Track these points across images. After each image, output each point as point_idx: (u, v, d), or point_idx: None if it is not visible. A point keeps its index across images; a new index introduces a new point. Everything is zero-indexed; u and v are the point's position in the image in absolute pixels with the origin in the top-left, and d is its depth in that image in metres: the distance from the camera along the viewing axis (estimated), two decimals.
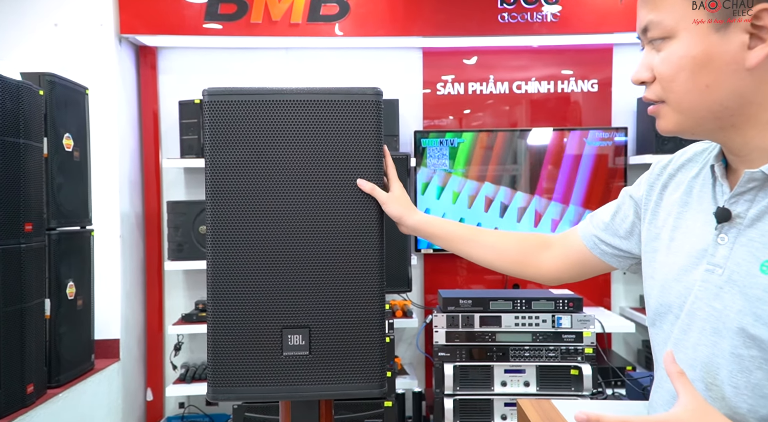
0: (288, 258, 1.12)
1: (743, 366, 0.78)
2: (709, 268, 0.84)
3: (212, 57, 3.28)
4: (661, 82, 0.82)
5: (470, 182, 3.08)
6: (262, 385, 1.11)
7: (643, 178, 1.07)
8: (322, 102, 1.12)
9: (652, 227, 0.98)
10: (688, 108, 0.81)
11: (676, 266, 0.90)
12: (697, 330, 0.84)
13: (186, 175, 3.29)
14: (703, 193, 0.90)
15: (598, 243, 1.11)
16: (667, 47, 0.81)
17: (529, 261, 1.19)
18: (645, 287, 0.99)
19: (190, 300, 3.24)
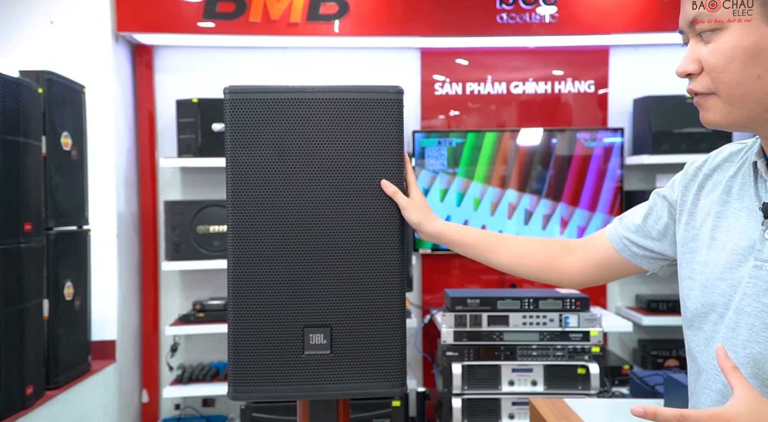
0: (309, 257, 1.11)
1: None
2: (758, 264, 0.84)
3: (210, 56, 3.26)
4: (711, 73, 0.83)
5: (467, 182, 3.09)
6: (282, 384, 1.10)
7: (677, 179, 1.07)
8: (343, 100, 1.12)
9: (689, 228, 0.98)
10: (739, 98, 0.82)
11: (720, 264, 0.89)
12: (747, 326, 0.84)
13: (183, 174, 3.27)
14: (744, 191, 0.91)
15: (629, 245, 1.09)
16: (717, 38, 0.82)
17: (553, 266, 1.18)
18: (682, 289, 0.98)
19: (186, 301, 3.22)
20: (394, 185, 1.11)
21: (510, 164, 3.10)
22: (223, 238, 2.99)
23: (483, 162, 3.09)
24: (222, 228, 3.00)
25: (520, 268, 1.20)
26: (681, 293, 0.98)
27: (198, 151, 3.01)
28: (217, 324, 2.98)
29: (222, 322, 2.97)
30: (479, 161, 3.09)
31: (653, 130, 2.99)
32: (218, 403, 3.24)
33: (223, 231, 3.00)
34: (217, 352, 3.25)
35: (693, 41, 0.86)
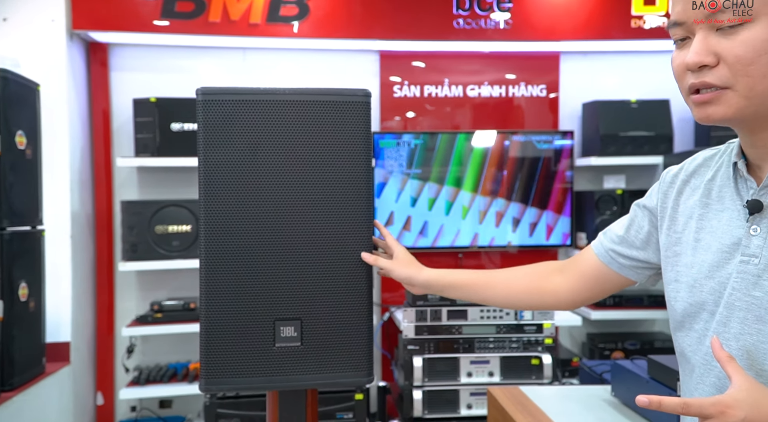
0: (280, 254, 1.15)
1: None
2: (744, 259, 0.86)
3: (168, 55, 3.24)
4: (736, 66, 0.81)
5: (426, 183, 3.17)
6: (254, 376, 1.14)
7: (654, 188, 1.09)
8: (313, 102, 1.17)
9: (672, 232, 1.00)
10: (759, 93, 0.81)
11: (706, 264, 0.91)
12: (738, 320, 0.86)
13: (140, 174, 3.24)
14: (724, 193, 0.93)
15: (615, 257, 1.10)
16: (744, 31, 0.80)
17: (545, 289, 1.19)
18: (668, 292, 0.99)
19: (144, 302, 3.19)
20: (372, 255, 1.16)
21: (465, 165, 3.19)
22: (182, 238, 2.98)
23: (439, 163, 3.18)
24: (182, 228, 2.99)
25: (514, 299, 1.21)
26: (667, 296, 1.00)
27: (156, 150, 3.00)
28: (176, 324, 2.97)
29: (180, 322, 2.97)
30: (435, 162, 3.17)
31: (601, 133, 3.13)
32: (176, 404, 3.22)
33: (182, 231, 2.99)
34: (175, 353, 3.23)
35: (703, 34, 0.83)
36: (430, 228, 3.18)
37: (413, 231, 3.18)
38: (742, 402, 0.73)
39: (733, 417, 0.72)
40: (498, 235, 3.20)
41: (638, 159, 3.15)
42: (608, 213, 3.11)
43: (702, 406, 0.73)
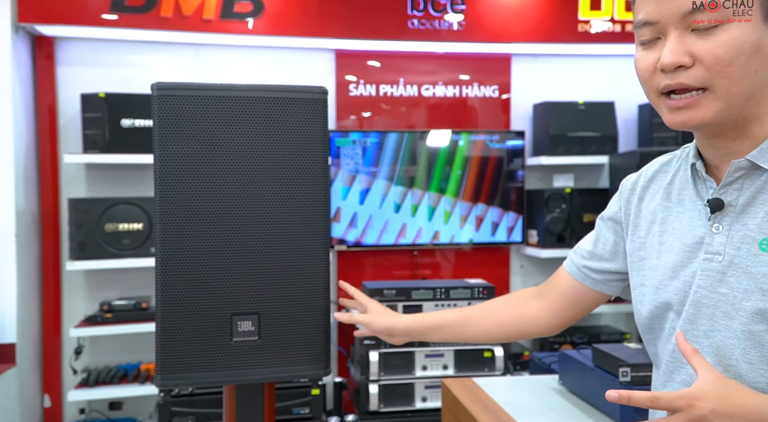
0: (237, 249, 1.16)
1: (756, 342, 0.82)
2: (708, 257, 0.87)
3: (118, 50, 3.17)
4: (714, 67, 0.80)
5: (377, 181, 3.20)
6: (211, 370, 1.15)
7: (614, 199, 1.10)
8: (270, 99, 1.18)
9: (635, 238, 1.01)
10: (735, 93, 0.81)
11: (670, 265, 0.92)
12: (707, 317, 0.87)
13: (88, 171, 3.16)
14: (683, 194, 0.94)
15: (588, 272, 1.11)
16: (721, 32, 0.80)
17: (525, 317, 1.19)
18: (634, 297, 1.00)
19: (92, 302, 3.11)
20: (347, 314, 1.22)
21: (418, 164, 3.24)
22: (134, 237, 2.93)
23: (393, 162, 3.21)
24: (133, 226, 2.94)
25: (498, 331, 1.21)
26: (634, 301, 1.01)
27: (105, 147, 2.93)
28: (126, 324, 2.92)
29: (131, 323, 2.92)
30: (389, 161, 3.21)
31: (550, 134, 3.23)
32: (126, 406, 3.16)
33: (134, 229, 2.94)
34: (125, 354, 3.17)
35: (678, 34, 0.82)
36: (380, 226, 3.21)
37: (361, 228, 3.20)
38: (709, 394, 0.74)
39: (701, 410, 0.73)
40: (450, 233, 3.26)
41: (586, 158, 3.26)
42: (558, 211, 3.21)
43: (670, 399, 0.74)
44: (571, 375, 1.45)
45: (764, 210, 0.84)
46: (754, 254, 0.83)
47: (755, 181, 0.85)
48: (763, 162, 0.84)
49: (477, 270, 3.37)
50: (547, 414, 1.34)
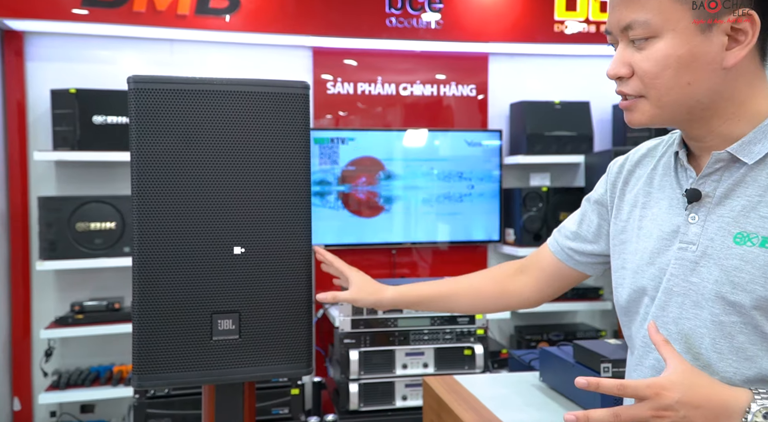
0: (217, 247, 1.14)
1: (725, 333, 0.83)
2: (683, 246, 0.89)
3: (90, 45, 3.10)
4: (644, 79, 0.85)
5: (360, 180, 3.19)
6: (190, 370, 1.12)
7: (601, 181, 1.12)
8: (251, 93, 1.16)
9: (618, 221, 1.03)
10: (668, 103, 0.85)
11: (648, 251, 0.94)
12: (677, 305, 0.89)
13: (58, 168, 3.09)
14: (665, 181, 0.96)
15: (571, 254, 1.14)
16: (651, 46, 0.84)
17: (510, 291, 1.21)
18: (615, 279, 1.02)
19: (63, 303, 3.04)
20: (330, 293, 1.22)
21: (396, 163, 3.23)
22: (106, 236, 2.87)
23: (371, 160, 3.20)
24: (105, 225, 2.88)
25: (481, 304, 1.23)
26: (614, 283, 1.02)
27: (76, 144, 2.87)
28: (98, 325, 2.86)
29: (103, 324, 2.86)
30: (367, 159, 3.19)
31: (527, 133, 3.25)
32: (98, 408, 3.10)
33: (106, 228, 2.88)
34: (97, 356, 3.10)
35: (623, 45, 0.87)
36: (359, 226, 3.20)
37: (340, 229, 3.18)
38: (677, 384, 0.75)
39: (668, 399, 0.74)
40: (428, 231, 3.26)
41: (562, 157, 3.29)
42: (534, 210, 3.23)
43: (637, 388, 0.75)
44: (552, 372, 1.46)
45: (741, 203, 0.85)
46: (728, 246, 0.84)
47: (734, 173, 0.86)
48: (742, 155, 0.85)
49: (455, 269, 3.37)
50: (528, 410, 1.34)
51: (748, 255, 0.82)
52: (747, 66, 0.85)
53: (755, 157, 0.84)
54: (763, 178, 0.84)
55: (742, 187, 0.85)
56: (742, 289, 0.82)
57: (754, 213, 0.83)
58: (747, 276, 0.82)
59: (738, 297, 0.82)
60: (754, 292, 0.81)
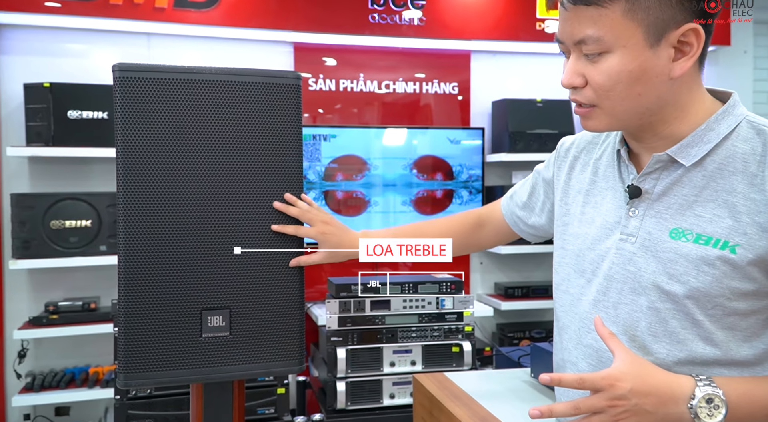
0: (207, 241, 1.10)
1: (660, 318, 0.90)
2: (623, 237, 0.95)
3: (65, 38, 3.02)
4: (598, 91, 0.90)
5: (342, 177, 3.16)
6: (178, 368, 1.09)
7: (550, 160, 1.20)
8: (241, 83, 1.12)
9: (563, 203, 1.10)
10: (622, 111, 0.90)
11: (590, 236, 1.01)
12: (616, 291, 0.95)
13: (31, 165, 3.00)
14: (608, 173, 1.02)
15: (517, 221, 1.28)
16: (604, 60, 0.88)
17: (472, 243, 1.36)
18: (555, 257, 1.10)
19: (37, 303, 2.96)
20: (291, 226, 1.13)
21: (378, 160, 3.21)
22: (81, 234, 2.80)
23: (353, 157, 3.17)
24: (80, 223, 2.80)
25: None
26: (554, 260, 1.10)
27: (51, 139, 2.79)
28: (73, 326, 2.79)
29: (79, 324, 2.79)
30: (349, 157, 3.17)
31: (510, 131, 3.25)
32: (74, 411, 3.02)
33: (81, 226, 2.80)
34: (72, 357, 3.03)
35: (575, 56, 0.91)
36: None
37: None
38: (627, 374, 0.82)
39: (621, 389, 0.81)
40: None
41: (544, 155, 3.25)
42: None
43: (594, 380, 0.82)
44: (545, 368, 1.45)
45: (677, 202, 0.92)
46: (664, 240, 0.91)
47: (671, 173, 0.93)
48: (681, 158, 0.91)
49: (436, 267, 3.37)
50: (521, 406, 1.33)
51: (682, 250, 0.89)
52: (688, 73, 0.91)
53: (692, 160, 0.91)
54: (698, 179, 0.91)
55: (679, 186, 0.92)
56: (677, 280, 0.88)
57: (689, 212, 0.90)
58: (681, 269, 0.88)
59: (672, 287, 0.89)
60: (687, 283, 0.88)
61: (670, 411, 0.83)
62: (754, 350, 0.89)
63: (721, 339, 0.88)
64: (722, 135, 0.91)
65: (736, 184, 0.88)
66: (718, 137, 0.90)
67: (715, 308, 0.87)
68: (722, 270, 0.86)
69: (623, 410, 0.81)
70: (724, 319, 0.88)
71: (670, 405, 0.83)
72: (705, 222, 0.89)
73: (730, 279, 0.86)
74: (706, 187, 0.90)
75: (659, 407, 0.82)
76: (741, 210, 0.87)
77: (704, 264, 0.87)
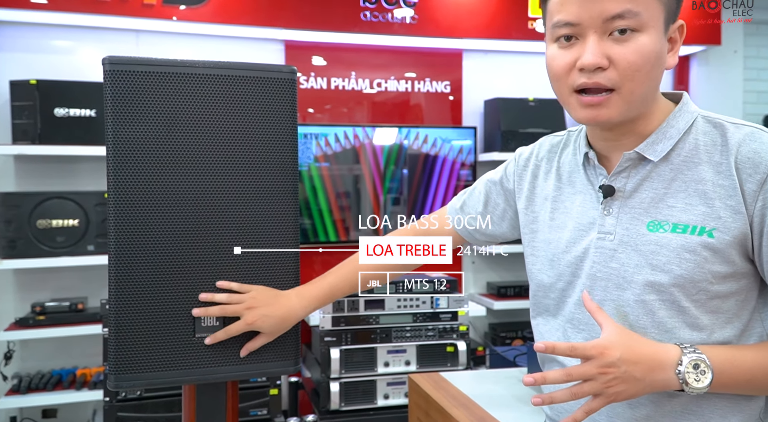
0: (201, 238, 1.08)
1: (647, 310, 0.92)
2: (601, 236, 0.97)
3: (51, 35, 2.98)
4: (625, 71, 0.88)
5: (335, 175, 3.13)
6: (171, 369, 1.06)
7: (508, 168, 1.17)
8: (235, 77, 1.10)
9: (529, 212, 1.10)
10: (638, 96, 0.90)
11: (563, 240, 1.02)
12: (601, 288, 0.96)
13: (17, 163, 2.95)
14: (574, 178, 1.03)
15: (474, 233, 1.23)
16: (634, 40, 0.88)
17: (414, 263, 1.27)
18: (527, 264, 1.11)
19: (23, 303, 2.91)
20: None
21: (369, 159, 3.19)
22: (68, 233, 2.75)
23: (344, 156, 3.15)
24: (67, 223, 2.76)
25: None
26: (528, 268, 1.11)
27: (37, 137, 2.75)
28: (60, 327, 2.75)
29: (66, 325, 2.75)
30: (340, 155, 3.14)
31: (502, 129, 3.24)
32: (61, 413, 2.98)
33: (68, 225, 2.76)
34: (59, 358, 2.98)
35: (598, 37, 0.89)
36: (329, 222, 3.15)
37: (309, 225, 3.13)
38: (616, 343, 0.85)
39: (611, 357, 0.84)
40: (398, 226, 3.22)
41: None
42: None
43: (585, 348, 0.85)
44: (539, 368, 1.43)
45: (649, 196, 0.94)
46: (642, 234, 0.94)
47: (641, 170, 0.95)
48: (649, 154, 0.94)
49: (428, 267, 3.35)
50: (519, 406, 1.32)
51: (662, 240, 0.92)
52: None
53: (659, 155, 0.94)
54: (666, 172, 0.94)
55: (649, 181, 0.95)
56: (661, 270, 0.91)
57: (662, 204, 0.93)
58: (664, 259, 0.91)
59: (657, 277, 0.91)
60: (671, 272, 0.90)
61: (658, 378, 0.86)
62: (734, 330, 0.92)
63: (706, 324, 0.91)
64: (682, 131, 0.94)
65: (703, 173, 0.91)
66: (679, 133, 0.94)
67: (699, 293, 0.90)
68: (703, 256, 0.89)
69: (613, 377, 0.84)
70: (707, 303, 0.91)
71: (658, 371, 0.86)
72: (679, 212, 0.92)
73: (711, 264, 0.89)
74: (675, 178, 0.93)
75: (647, 373, 0.85)
76: (712, 196, 0.90)
77: (685, 251, 0.90)
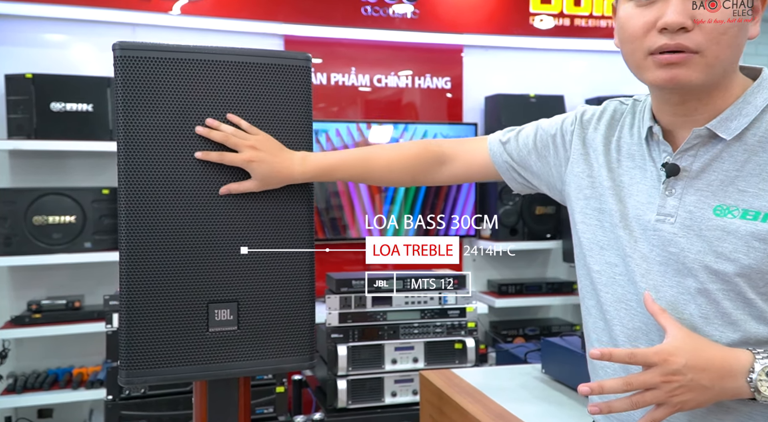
0: (214, 231, 1.05)
1: (711, 299, 0.86)
2: (660, 218, 0.91)
3: (47, 29, 2.93)
4: (712, 33, 0.84)
5: None
6: (184, 364, 1.03)
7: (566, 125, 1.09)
8: (249, 64, 1.07)
9: (585, 176, 1.03)
10: (722, 60, 0.85)
11: (618, 214, 0.96)
12: (659, 273, 0.91)
13: (12, 158, 2.90)
14: (634, 150, 0.97)
15: (510, 170, 1.15)
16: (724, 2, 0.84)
17: (425, 178, 1.22)
18: (580, 226, 1.02)
19: (19, 301, 2.86)
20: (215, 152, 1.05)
21: None
22: (65, 230, 2.71)
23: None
24: (64, 219, 2.71)
25: (393, 182, 1.25)
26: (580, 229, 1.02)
27: (33, 132, 2.70)
28: (56, 325, 2.70)
29: (62, 324, 2.71)
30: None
31: (503, 126, 3.20)
32: (57, 413, 2.93)
33: (65, 222, 2.72)
34: (55, 357, 2.93)
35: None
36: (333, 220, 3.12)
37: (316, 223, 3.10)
38: (681, 349, 0.80)
39: (675, 364, 0.79)
40: (403, 226, 3.20)
41: None
42: (511, 204, 3.21)
43: (646, 355, 0.80)
44: (558, 364, 1.41)
45: (719, 178, 0.88)
46: (708, 218, 0.88)
47: (710, 149, 0.89)
48: (721, 132, 0.88)
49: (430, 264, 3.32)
50: (537, 402, 1.29)
51: (729, 227, 0.86)
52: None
53: (733, 133, 0.88)
54: (739, 153, 0.88)
55: (719, 161, 0.89)
56: (726, 258, 0.85)
57: (732, 187, 0.87)
58: (730, 246, 0.85)
59: (722, 266, 0.85)
60: (737, 261, 0.85)
61: (728, 386, 0.81)
62: None
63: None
64: (760, 108, 0.88)
65: None
66: (756, 110, 0.88)
67: (767, 286, 0.85)
68: None
69: (678, 386, 0.79)
70: None
71: (728, 379, 0.80)
72: (750, 197, 0.86)
73: None
74: (748, 161, 0.87)
75: (716, 381, 0.80)
76: None
77: (755, 240, 0.84)
